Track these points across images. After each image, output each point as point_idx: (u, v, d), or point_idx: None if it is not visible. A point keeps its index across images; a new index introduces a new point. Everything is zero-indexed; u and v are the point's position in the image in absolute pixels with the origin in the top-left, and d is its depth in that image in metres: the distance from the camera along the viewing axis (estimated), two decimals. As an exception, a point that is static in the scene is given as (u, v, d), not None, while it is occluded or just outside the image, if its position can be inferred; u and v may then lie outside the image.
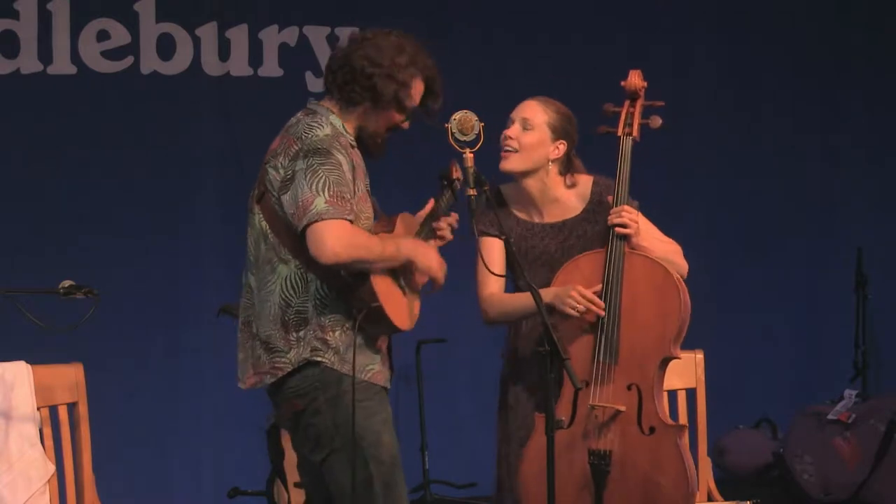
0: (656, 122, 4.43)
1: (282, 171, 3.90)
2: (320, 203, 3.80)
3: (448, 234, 4.16)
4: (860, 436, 6.78)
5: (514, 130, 4.38)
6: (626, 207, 4.32)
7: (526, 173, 4.41)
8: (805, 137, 7.78)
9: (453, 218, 4.18)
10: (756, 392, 7.55)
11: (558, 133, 4.41)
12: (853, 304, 7.51)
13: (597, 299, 4.25)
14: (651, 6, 7.49)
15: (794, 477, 6.94)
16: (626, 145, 4.40)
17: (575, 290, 4.25)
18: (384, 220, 4.07)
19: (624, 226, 4.29)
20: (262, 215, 3.98)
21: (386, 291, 3.93)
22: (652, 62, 6.99)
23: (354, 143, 4.02)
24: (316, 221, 3.80)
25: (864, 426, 6.78)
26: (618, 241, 4.30)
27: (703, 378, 4.79)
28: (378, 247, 3.90)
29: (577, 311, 4.25)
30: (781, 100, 7.70)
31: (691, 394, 4.77)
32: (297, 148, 3.90)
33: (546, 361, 3.90)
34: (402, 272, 4.02)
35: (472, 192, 4.04)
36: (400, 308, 3.98)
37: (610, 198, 4.36)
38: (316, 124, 3.95)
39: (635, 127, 4.42)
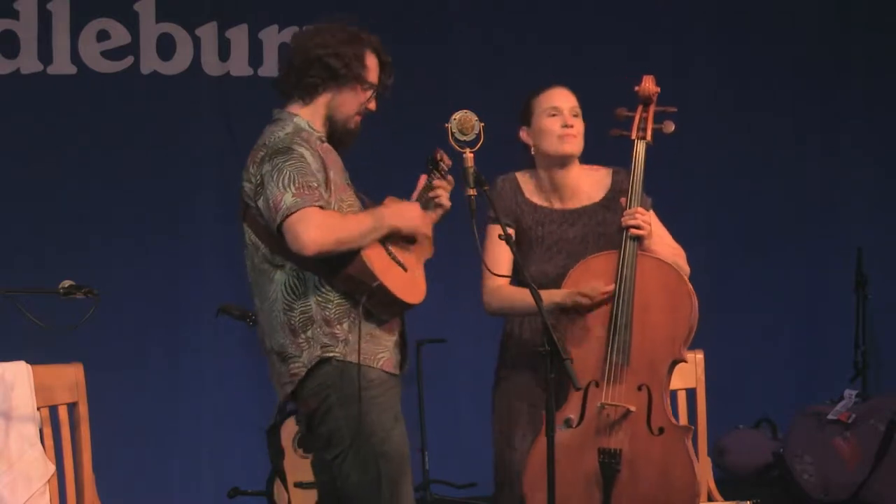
0: (669, 127, 4.48)
1: (253, 180, 3.96)
2: (288, 198, 3.83)
3: (446, 200, 4.12)
4: (860, 436, 6.78)
5: (570, 119, 4.44)
6: (639, 209, 4.36)
7: (576, 157, 4.48)
8: (805, 137, 7.77)
9: (449, 180, 4.13)
10: (756, 392, 7.55)
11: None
12: (853, 304, 7.51)
13: (603, 289, 4.29)
14: (651, 6, 7.49)
15: (794, 477, 6.93)
16: (640, 149, 4.44)
17: (589, 286, 4.29)
18: (371, 207, 4.07)
19: (638, 227, 4.33)
20: (250, 230, 4.01)
21: (383, 268, 3.92)
22: (652, 62, 6.99)
23: (324, 139, 4.03)
24: (287, 217, 3.81)
25: (864, 426, 6.78)
26: (631, 242, 4.34)
27: (703, 378, 4.79)
28: (355, 223, 3.91)
29: (590, 302, 4.28)
30: (781, 100, 7.70)
31: (691, 394, 4.77)
32: (262, 154, 3.95)
33: (546, 361, 3.91)
34: (394, 246, 4.01)
35: (472, 191, 4.03)
36: (402, 282, 3.97)
37: (623, 199, 4.40)
38: (278, 128, 4.01)
39: (649, 131, 4.47)
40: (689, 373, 4.75)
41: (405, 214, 4.02)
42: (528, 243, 4.48)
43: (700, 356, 4.80)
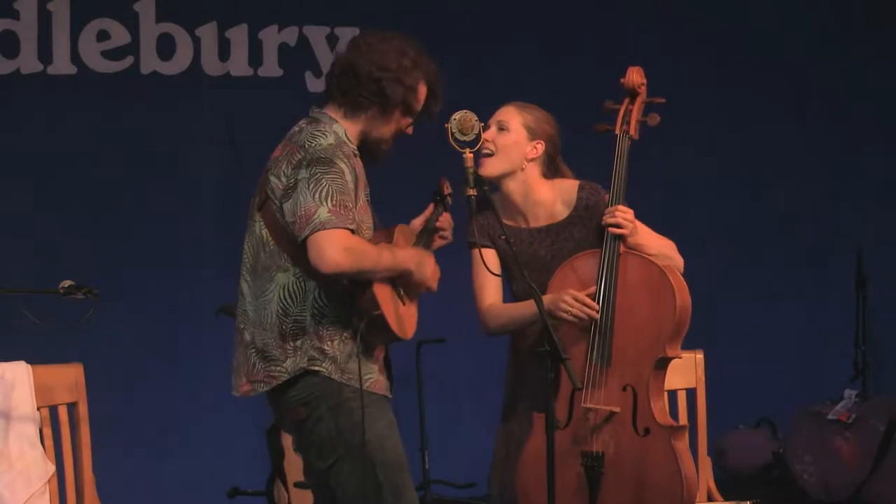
0: (654, 119, 4.39)
1: (284, 180, 3.88)
2: (323, 212, 3.78)
3: (449, 235, 4.14)
4: (860, 436, 6.78)
5: (490, 133, 4.35)
6: (620, 207, 4.28)
7: (504, 175, 4.38)
8: (805, 137, 7.78)
9: (449, 220, 4.13)
10: (756, 392, 7.54)
11: (535, 133, 4.38)
12: (853, 304, 7.51)
13: (590, 301, 4.23)
14: (652, 5, 7.49)
15: (794, 477, 6.94)
16: (623, 144, 4.36)
17: (568, 295, 4.23)
18: (382, 232, 4.05)
19: (618, 226, 4.26)
20: (262, 223, 3.96)
21: (386, 300, 3.91)
22: (651, 61, 6.98)
23: (357, 152, 4.00)
24: (318, 231, 3.78)
25: (864, 426, 6.78)
26: (612, 241, 4.27)
27: (703, 378, 4.78)
28: (378, 256, 3.88)
29: (571, 316, 4.23)
30: (781, 99, 7.70)
31: (691, 394, 4.77)
32: (300, 156, 3.87)
33: (546, 361, 3.90)
34: (401, 281, 4.00)
35: (471, 192, 4.03)
36: (400, 317, 3.96)
37: (606, 197, 4.33)
38: (319, 133, 3.92)
39: (632, 125, 4.39)
40: (689, 373, 4.74)
41: (417, 262, 3.99)
42: (504, 262, 4.42)
43: (700, 356, 4.78)
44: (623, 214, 4.26)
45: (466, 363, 6.95)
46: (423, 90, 4.04)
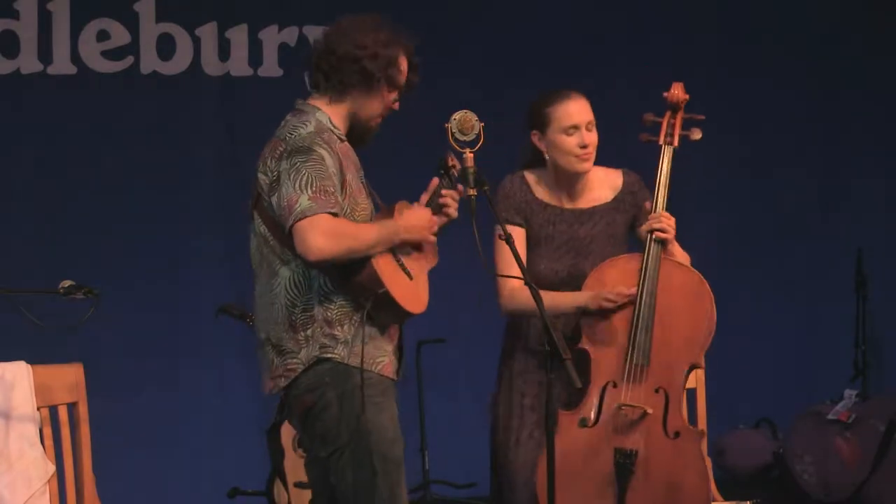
0: (696, 134, 4.60)
1: (269, 174, 3.93)
2: (304, 200, 3.82)
3: (453, 211, 4.09)
4: (860, 436, 6.77)
5: (588, 137, 4.44)
6: (664, 213, 4.43)
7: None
8: (805, 137, 7.77)
9: (459, 190, 4.11)
10: (756, 392, 7.54)
11: None
12: (853, 304, 7.51)
13: (631, 292, 4.34)
14: (652, 6, 7.49)
15: (794, 477, 6.93)
16: (667, 153, 4.52)
17: (612, 292, 4.33)
18: (384, 210, 4.07)
19: (663, 231, 4.39)
20: (260, 220, 3.99)
21: (391, 276, 3.92)
22: (652, 61, 6.99)
23: (343, 137, 4.02)
24: (300, 220, 3.81)
25: (864, 426, 6.78)
26: (655, 245, 4.40)
27: (703, 378, 4.79)
28: (364, 234, 3.90)
29: (613, 305, 4.34)
30: (782, 99, 7.70)
31: (691, 394, 4.77)
32: (281, 149, 3.93)
33: (548, 361, 3.91)
34: (402, 253, 4.01)
35: (472, 192, 4.03)
36: (407, 291, 3.97)
37: (648, 203, 4.46)
38: (300, 124, 3.97)
39: (676, 137, 4.56)
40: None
41: (415, 226, 4.01)
42: (538, 241, 4.50)
43: (700, 356, 4.80)
44: (668, 221, 4.42)
45: (466, 363, 6.94)
46: (403, 63, 4.06)
